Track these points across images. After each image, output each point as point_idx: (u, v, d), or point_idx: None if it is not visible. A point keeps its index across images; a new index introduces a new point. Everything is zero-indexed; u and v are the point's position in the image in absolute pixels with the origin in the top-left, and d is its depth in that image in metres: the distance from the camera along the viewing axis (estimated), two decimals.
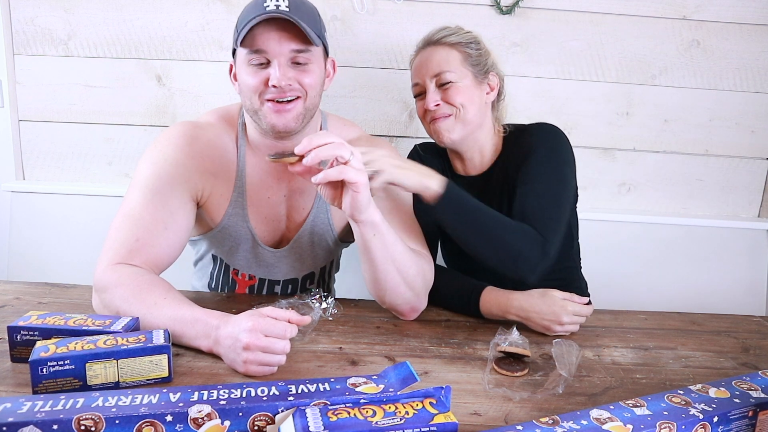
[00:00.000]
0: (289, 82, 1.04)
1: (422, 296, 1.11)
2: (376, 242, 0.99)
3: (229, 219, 1.17)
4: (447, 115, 1.21)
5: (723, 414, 0.71)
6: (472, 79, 1.22)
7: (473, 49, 1.23)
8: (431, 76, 1.21)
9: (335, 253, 1.34)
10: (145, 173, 1.06)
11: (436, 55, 1.22)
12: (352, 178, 0.90)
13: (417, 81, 1.25)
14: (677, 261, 1.80)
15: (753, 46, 1.68)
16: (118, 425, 0.64)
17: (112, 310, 0.95)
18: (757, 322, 1.24)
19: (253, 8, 1.04)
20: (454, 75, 1.20)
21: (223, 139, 1.16)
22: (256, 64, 1.05)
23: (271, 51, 1.03)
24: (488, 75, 1.25)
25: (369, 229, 0.98)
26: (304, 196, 1.22)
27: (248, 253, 1.22)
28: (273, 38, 1.03)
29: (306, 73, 1.06)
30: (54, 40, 1.65)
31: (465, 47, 1.22)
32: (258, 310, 0.88)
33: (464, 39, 1.23)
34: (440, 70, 1.20)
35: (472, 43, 1.23)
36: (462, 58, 1.21)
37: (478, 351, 1.00)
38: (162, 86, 1.68)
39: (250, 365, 0.84)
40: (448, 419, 0.65)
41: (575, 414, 0.70)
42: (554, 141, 1.21)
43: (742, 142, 1.75)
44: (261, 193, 1.18)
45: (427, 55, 1.23)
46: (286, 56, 1.04)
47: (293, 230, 1.23)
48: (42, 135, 1.72)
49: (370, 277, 1.05)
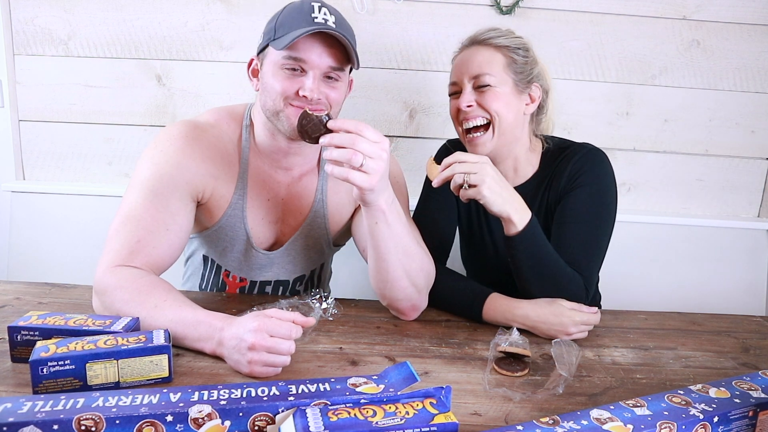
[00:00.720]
0: (319, 96, 1.04)
1: (423, 294, 1.11)
2: (382, 229, 1.00)
3: (227, 219, 1.17)
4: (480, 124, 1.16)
5: (723, 414, 0.71)
6: (512, 87, 1.16)
7: (520, 56, 1.17)
8: (470, 77, 1.15)
9: (328, 256, 1.34)
10: (146, 174, 1.06)
11: (478, 56, 1.16)
12: (357, 182, 0.91)
13: (455, 80, 1.19)
14: (677, 261, 1.80)
15: (753, 46, 1.68)
16: (119, 425, 0.64)
17: (113, 312, 0.95)
18: (757, 322, 1.24)
19: (298, 15, 1.02)
20: (494, 79, 1.14)
21: (225, 140, 1.15)
22: (290, 69, 1.04)
23: (310, 62, 1.03)
24: (531, 85, 1.19)
25: (373, 216, 0.99)
26: (302, 200, 1.21)
27: (240, 254, 1.21)
28: (315, 51, 1.02)
29: (334, 89, 1.07)
30: (54, 40, 1.65)
31: (512, 52, 1.16)
32: (262, 312, 0.88)
33: (512, 43, 1.17)
34: (480, 72, 1.14)
35: (520, 49, 1.17)
36: (506, 62, 1.15)
37: (478, 351, 1.00)
38: (162, 86, 1.68)
39: (255, 366, 0.84)
40: (449, 419, 0.65)
41: (575, 414, 0.70)
42: (602, 173, 1.17)
43: (742, 142, 1.75)
44: (261, 195, 1.18)
45: (470, 54, 1.18)
46: (322, 70, 1.04)
47: (288, 233, 1.23)
48: (42, 135, 1.72)
49: (373, 265, 1.06)
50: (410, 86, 1.69)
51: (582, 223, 1.13)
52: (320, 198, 1.21)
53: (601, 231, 1.15)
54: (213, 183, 1.12)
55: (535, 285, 1.09)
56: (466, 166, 1.03)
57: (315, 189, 1.21)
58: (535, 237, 1.06)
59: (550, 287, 1.08)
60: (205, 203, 1.14)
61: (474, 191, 1.02)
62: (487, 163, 1.04)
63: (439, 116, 1.71)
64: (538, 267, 1.07)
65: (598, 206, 1.15)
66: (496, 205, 1.03)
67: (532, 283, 1.09)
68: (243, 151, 1.16)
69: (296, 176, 1.20)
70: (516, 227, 1.05)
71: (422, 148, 1.73)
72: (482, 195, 1.02)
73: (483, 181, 1.02)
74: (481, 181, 1.02)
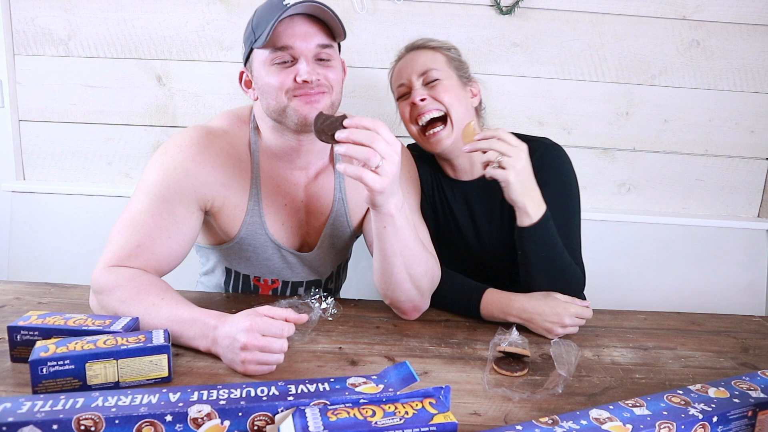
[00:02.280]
0: (318, 77, 1.02)
1: (426, 296, 1.11)
2: (389, 233, 0.99)
3: (247, 229, 1.14)
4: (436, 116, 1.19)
5: (722, 414, 0.71)
6: (457, 80, 1.22)
7: (455, 54, 1.26)
8: (418, 74, 1.21)
9: (350, 247, 1.34)
10: (154, 179, 1.04)
11: (420, 57, 1.23)
12: (370, 183, 0.90)
13: (402, 82, 1.23)
14: (677, 261, 1.80)
15: (753, 46, 1.68)
16: (118, 425, 0.64)
17: (110, 311, 0.95)
18: (756, 322, 1.24)
19: (270, 8, 1.00)
20: (441, 73, 1.20)
21: (237, 147, 1.12)
22: (280, 63, 1.01)
23: (297, 48, 1.00)
24: (471, 81, 1.27)
25: (382, 220, 0.98)
26: (321, 200, 1.19)
27: (269, 259, 1.19)
28: (299, 34, 0.99)
29: (330, 68, 1.05)
30: (54, 40, 1.65)
31: (447, 51, 1.24)
32: (255, 310, 0.87)
33: (444, 45, 1.25)
34: (427, 68, 1.20)
35: (453, 49, 1.26)
36: (446, 59, 1.23)
37: (477, 351, 1.00)
38: (162, 86, 1.68)
39: (249, 365, 0.84)
40: (448, 419, 0.65)
41: (575, 414, 0.70)
42: (564, 169, 1.22)
43: (742, 142, 1.75)
44: (278, 200, 1.15)
45: (411, 57, 1.24)
46: (312, 52, 1.02)
47: (313, 234, 1.20)
48: (42, 135, 1.72)
49: (378, 267, 1.05)
50: None
51: (558, 219, 1.14)
52: (339, 197, 1.19)
53: (576, 222, 1.21)
54: (224, 192, 1.09)
55: (540, 278, 1.11)
56: (505, 146, 1.04)
57: (333, 188, 1.19)
58: (546, 230, 1.09)
59: (556, 281, 1.11)
60: (218, 213, 1.11)
61: (501, 173, 1.04)
62: (524, 152, 1.06)
63: None
64: (547, 260, 1.10)
65: (567, 202, 1.20)
66: (516, 193, 1.05)
67: (538, 275, 1.11)
68: (253, 156, 1.13)
69: (312, 175, 1.17)
70: (530, 219, 1.07)
71: None
72: (508, 180, 1.04)
73: (513, 167, 1.04)
74: (512, 166, 1.04)
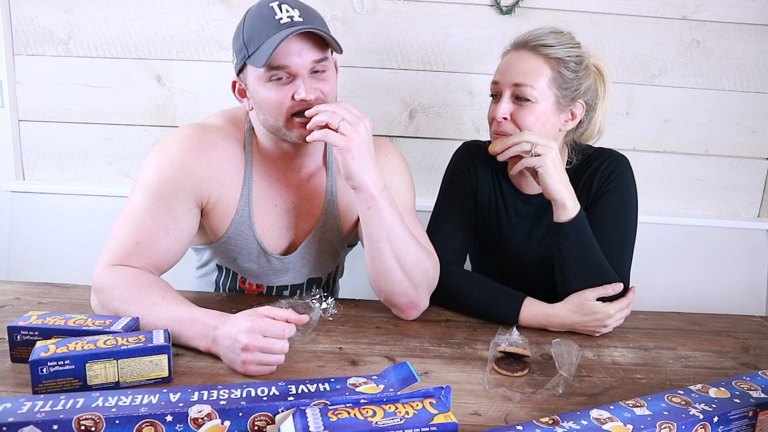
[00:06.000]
0: (316, 94, 1.02)
1: (421, 291, 1.09)
2: (373, 215, 1.01)
3: (235, 229, 1.14)
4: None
5: (723, 414, 0.72)
6: (553, 104, 1.12)
7: (570, 70, 1.12)
8: (511, 84, 1.12)
9: (342, 257, 1.33)
10: (150, 176, 1.04)
11: (525, 64, 1.12)
12: (333, 141, 0.96)
13: (497, 79, 1.16)
14: (677, 261, 1.79)
15: (753, 46, 1.68)
16: (118, 425, 0.64)
17: (110, 310, 0.95)
18: (757, 322, 1.24)
19: (262, 23, 0.99)
20: (536, 94, 1.10)
21: (232, 145, 1.12)
22: (276, 79, 1.01)
23: (293, 66, 0.99)
24: (575, 102, 1.15)
25: (364, 200, 1.01)
26: (312, 203, 1.19)
27: (254, 261, 1.19)
28: (294, 53, 0.99)
29: (325, 81, 1.04)
30: (54, 40, 1.65)
31: (562, 66, 1.11)
32: (256, 310, 0.87)
33: (565, 55, 1.11)
34: (523, 82, 1.11)
35: (573, 63, 1.12)
36: (552, 77, 1.11)
37: (478, 351, 1.00)
38: (162, 86, 1.68)
39: (249, 365, 0.84)
40: (448, 419, 0.65)
41: (575, 414, 0.70)
42: (629, 179, 1.21)
43: (742, 142, 1.75)
44: (268, 201, 1.16)
45: (517, 59, 1.13)
46: (308, 67, 1.01)
47: (302, 237, 1.21)
48: (42, 135, 1.72)
49: (368, 256, 1.06)
50: (410, 86, 1.68)
51: (615, 226, 1.15)
52: (331, 199, 1.19)
53: (631, 234, 1.19)
54: (219, 188, 1.10)
55: (576, 277, 1.09)
56: (536, 138, 1.07)
57: (325, 189, 1.19)
58: (584, 227, 1.08)
59: (592, 282, 1.08)
60: (210, 211, 1.12)
61: (537, 159, 1.05)
62: (554, 147, 1.07)
63: (439, 116, 1.71)
64: (584, 259, 1.08)
65: (627, 210, 1.19)
66: (553, 181, 1.06)
67: (573, 275, 1.09)
68: (247, 156, 1.14)
69: (305, 177, 1.18)
70: (568, 213, 1.07)
71: (422, 148, 1.73)
72: (546, 163, 1.05)
73: (548, 153, 1.06)
74: (547, 152, 1.05)
